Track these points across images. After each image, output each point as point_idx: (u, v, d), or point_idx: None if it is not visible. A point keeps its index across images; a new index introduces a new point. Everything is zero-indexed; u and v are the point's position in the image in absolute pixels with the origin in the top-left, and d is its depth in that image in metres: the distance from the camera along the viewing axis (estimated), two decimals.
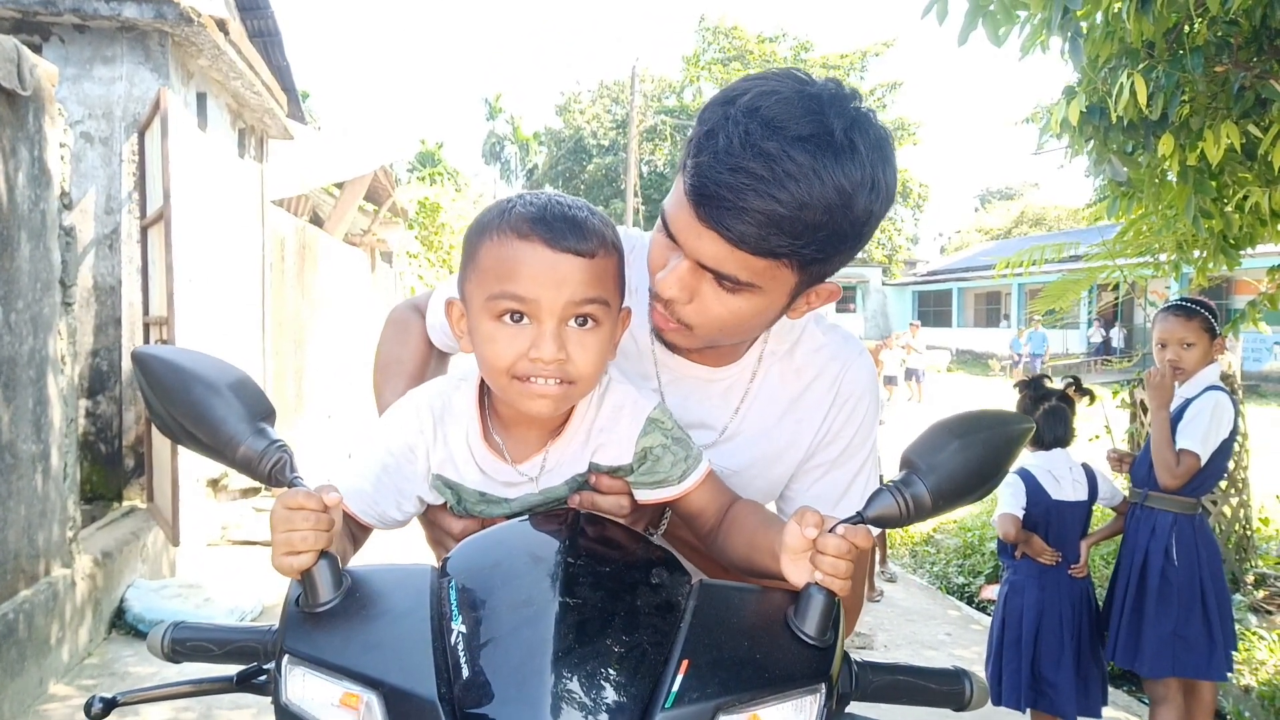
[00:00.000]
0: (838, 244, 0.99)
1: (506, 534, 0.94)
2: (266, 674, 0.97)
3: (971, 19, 3.10)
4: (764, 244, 0.95)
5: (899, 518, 0.87)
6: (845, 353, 1.24)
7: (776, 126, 0.93)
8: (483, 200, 34.53)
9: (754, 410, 1.22)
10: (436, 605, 0.84)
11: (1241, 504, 5.13)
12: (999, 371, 23.27)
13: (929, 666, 0.95)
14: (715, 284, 1.01)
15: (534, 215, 0.97)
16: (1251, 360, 19.38)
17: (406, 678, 0.78)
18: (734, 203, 0.93)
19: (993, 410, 0.95)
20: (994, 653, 3.24)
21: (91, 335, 5.44)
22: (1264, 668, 4.07)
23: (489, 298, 0.97)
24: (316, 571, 0.85)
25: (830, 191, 0.94)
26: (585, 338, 0.98)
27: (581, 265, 0.96)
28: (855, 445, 1.24)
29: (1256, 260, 5.39)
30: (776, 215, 0.93)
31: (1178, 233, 4.21)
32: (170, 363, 0.93)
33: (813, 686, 0.81)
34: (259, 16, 8.99)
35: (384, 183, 11.89)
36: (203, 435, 0.91)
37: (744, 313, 1.03)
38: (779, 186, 0.92)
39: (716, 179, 0.94)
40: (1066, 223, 38.93)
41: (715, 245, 0.97)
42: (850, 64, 37.54)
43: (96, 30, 5.36)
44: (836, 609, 0.86)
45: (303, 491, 0.86)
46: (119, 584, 4.50)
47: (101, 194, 5.43)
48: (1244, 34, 3.02)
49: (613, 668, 0.76)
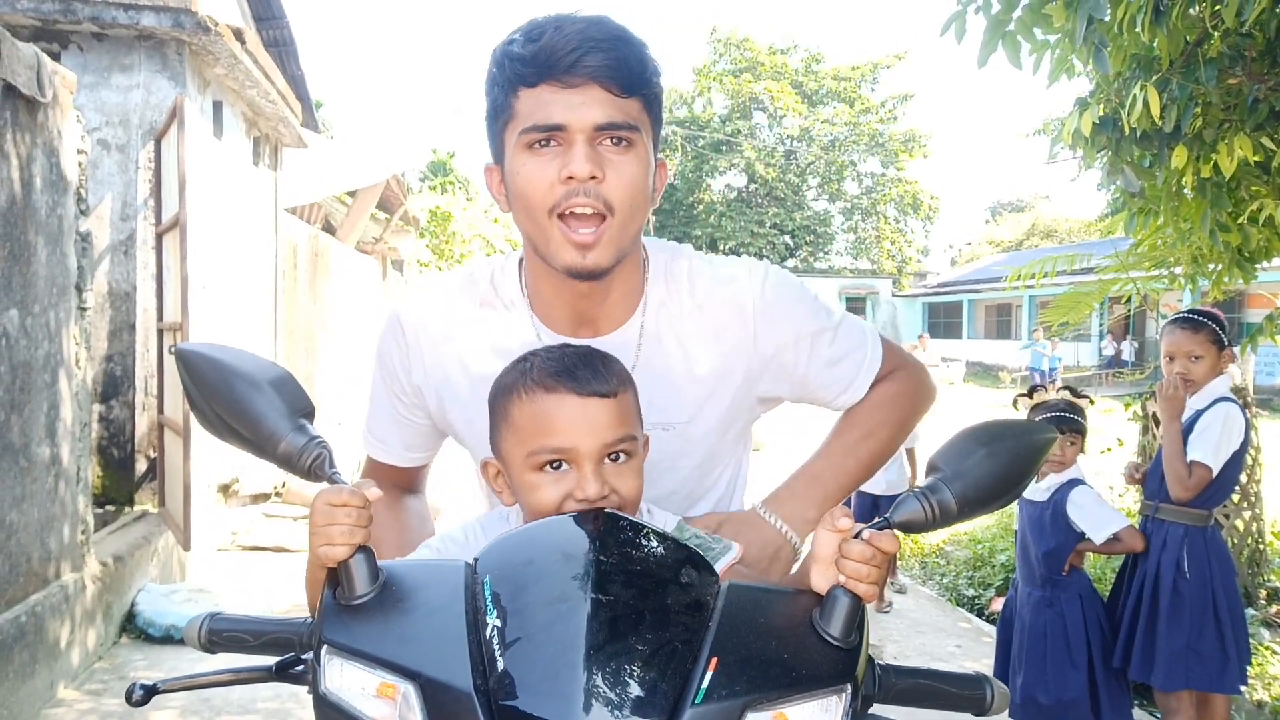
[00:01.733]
0: (659, 85, 1.13)
1: (539, 532, 0.95)
2: (304, 664, 0.99)
3: (991, 39, 3.10)
4: (629, 73, 1.07)
5: (925, 523, 0.88)
6: (731, 270, 1.26)
7: (564, 14, 1.09)
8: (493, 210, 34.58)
9: (652, 362, 1.23)
10: (471, 600, 0.85)
11: (1255, 518, 5.10)
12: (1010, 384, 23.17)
13: (951, 671, 0.96)
14: (610, 150, 1.08)
15: (556, 369, 1.03)
16: (1265, 374, 19.25)
17: (442, 669, 0.80)
18: (591, 43, 1.05)
19: (1018, 420, 0.97)
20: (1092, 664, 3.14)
21: (106, 340, 5.47)
22: (1277, 683, 4.04)
23: (529, 454, 1.03)
24: (354, 565, 0.88)
25: (633, 31, 1.10)
26: (623, 470, 1.04)
27: (608, 406, 1.02)
28: (824, 333, 1.28)
29: (1271, 273, 5.36)
30: (622, 37, 1.08)
31: (1193, 246, 4.20)
32: (213, 359, 0.96)
33: (839, 687, 0.82)
34: (274, 26, 9.07)
35: (396, 191, 11.95)
36: (244, 430, 0.94)
37: (639, 175, 1.10)
38: (608, 24, 1.08)
39: (565, 37, 1.05)
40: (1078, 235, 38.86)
41: (598, 98, 1.06)
42: (862, 75, 37.56)
43: (114, 39, 5.41)
44: (861, 612, 0.87)
45: (345, 488, 0.90)
46: (129, 588, 4.51)
47: (118, 200, 5.47)
48: (1258, 46, 3.02)
49: (643, 664, 0.78)
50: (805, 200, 38.69)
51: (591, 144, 1.07)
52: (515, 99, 1.08)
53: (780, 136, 38.46)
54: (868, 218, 39.05)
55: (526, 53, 1.06)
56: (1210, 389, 3.10)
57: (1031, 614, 3.19)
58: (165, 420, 5.12)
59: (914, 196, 37.95)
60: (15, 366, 3.49)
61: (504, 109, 1.10)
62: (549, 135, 1.07)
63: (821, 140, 37.75)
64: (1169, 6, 2.75)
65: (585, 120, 1.05)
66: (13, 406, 3.47)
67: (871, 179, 38.73)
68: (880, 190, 38.31)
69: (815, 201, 39.30)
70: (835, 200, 39.35)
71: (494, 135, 1.15)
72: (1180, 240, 4.32)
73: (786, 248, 37.84)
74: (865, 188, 38.88)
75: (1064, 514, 3.14)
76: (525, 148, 1.08)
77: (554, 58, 1.05)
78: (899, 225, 39.14)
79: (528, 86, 1.07)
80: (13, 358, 3.47)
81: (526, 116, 1.07)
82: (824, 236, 39.15)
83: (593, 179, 1.06)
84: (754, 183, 37.55)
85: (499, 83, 1.10)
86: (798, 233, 37.84)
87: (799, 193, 38.13)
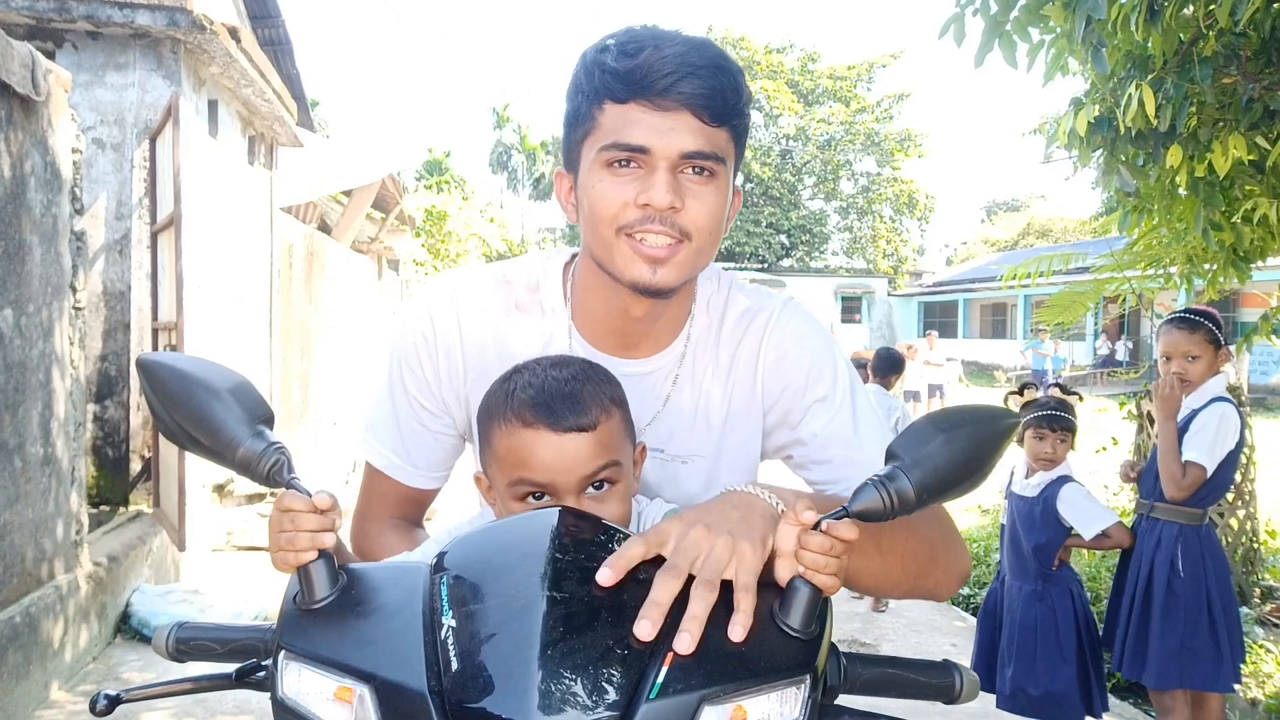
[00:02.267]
0: (748, 115, 1.10)
1: (498, 532, 0.95)
2: (265, 670, 0.99)
3: (988, 39, 3.11)
4: (723, 103, 1.04)
5: (884, 511, 0.86)
6: (768, 304, 1.25)
7: (662, 30, 1.06)
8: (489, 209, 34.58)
9: (685, 391, 1.22)
10: (428, 601, 0.85)
11: (1249, 516, 5.11)
12: (1005, 383, 23.22)
13: (919, 659, 0.94)
14: (692, 179, 1.06)
15: (534, 401, 1.02)
16: (1259, 373, 19.31)
17: (398, 671, 0.80)
18: (688, 68, 1.02)
19: (979, 405, 0.95)
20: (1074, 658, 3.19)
21: (100, 340, 5.46)
22: (1271, 681, 4.05)
23: (509, 484, 1.04)
24: (313, 569, 0.89)
25: (731, 58, 1.07)
26: (606, 498, 1.04)
27: (586, 440, 1.01)
28: (837, 392, 1.20)
29: (1265, 273, 5.37)
30: (719, 65, 1.04)
31: (1188, 246, 4.21)
32: (173, 369, 0.96)
33: (797, 678, 0.81)
34: (270, 25, 9.04)
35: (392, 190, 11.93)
36: (204, 438, 0.94)
37: (718, 206, 1.09)
38: (707, 47, 1.04)
39: (663, 58, 1.02)
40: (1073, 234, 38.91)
41: (688, 125, 1.03)
42: (858, 75, 37.60)
43: (110, 37, 5.40)
44: (823, 603, 0.86)
45: (296, 494, 0.90)
46: (124, 588, 4.51)
47: (112, 199, 5.46)
48: (1253, 46, 3.03)
49: (598, 660, 0.78)
50: (801, 199, 38.73)
51: (673, 172, 1.04)
52: (600, 111, 1.05)
53: (776, 135, 38.48)
54: (863, 217, 39.10)
55: (620, 67, 1.03)
56: (1206, 388, 3.10)
57: (1022, 608, 3.22)
58: None
59: (910, 196, 37.98)
60: (9, 366, 3.48)
61: (586, 119, 1.07)
62: (631, 156, 1.04)
63: (817, 139, 37.78)
64: (1164, 6, 2.76)
65: (672, 147, 1.03)
66: (7, 406, 3.46)
67: (867, 178, 38.78)
68: (876, 189, 38.35)
69: (811, 201, 39.34)
70: (831, 199, 39.39)
71: (571, 143, 1.12)
72: (1175, 240, 4.33)
73: (782, 247, 37.89)
74: (861, 187, 38.92)
75: (1054, 510, 3.17)
76: (605, 164, 1.06)
77: (649, 78, 1.02)
78: (895, 225, 39.18)
79: (616, 102, 1.04)
80: (7, 357, 3.46)
81: (610, 132, 1.04)
82: (820, 236, 39.19)
83: (671, 209, 1.04)
84: (750, 182, 37.56)
85: (585, 91, 1.07)
86: (794, 232, 37.87)
87: (795, 192, 38.17)
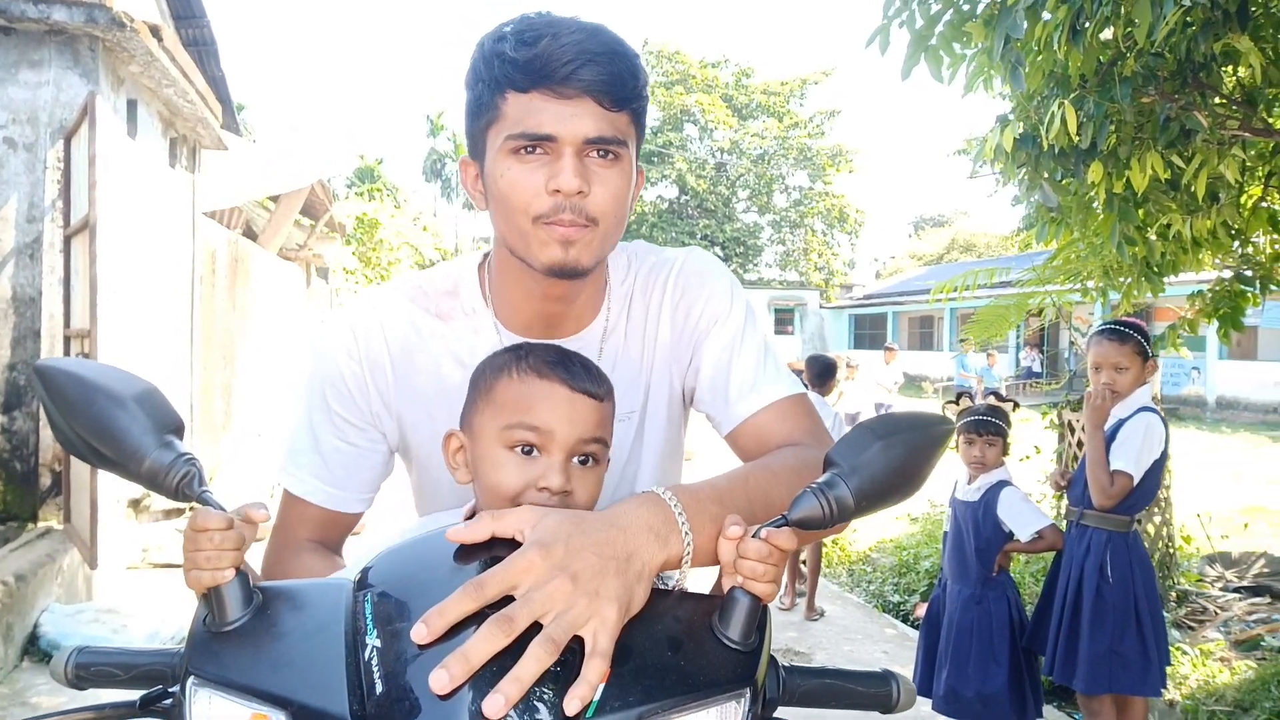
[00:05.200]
0: (646, 97, 1.12)
1: (426, 546, 0.90)
2: (173, 697, 0.92)
3: (914, 53, 3.18)
4: (622, 88, 1.05)
5: (823, 519, 0.85)
6: (674, 255, 1.30)
7: (558, 18, 1.06)
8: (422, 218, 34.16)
9: (613, 356, 1.25)
10: (351, 620, 0.81)
11: (1165, 522, 5.29)
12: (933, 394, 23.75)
13: (856, 669, 0.94)
14: (597, 162, 1.07)
15: (554, 359, 1.04)
16: (1170, 384, 20.10)
17: (317, 695, 0.75)
18: (587, 54, 1.03)
19: (915, 412, 0.96)
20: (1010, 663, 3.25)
21: (9, 348, 5.21)
22: (1187, 682, 4.18)
23: (505, 427, 1.01)
24: (225, 588, 0.83)
25: (627, 43, 1.08)
26: (587, 475, 1.03)
27: (593, 406, 1.02)
28: (731, 320, 1.25)
29: (1178, 287, 5.58)
30: (617, 51, 1.05)
31: (1104, 259, 4.35)
32: (73, 375, 0.89)
33: (737, 691, 0.80)
34: (194, 25, 8.80)
35: (321, 197, 11.70)
36: (106, 450, 0.87)
37: (623, 188, 1.10)
38: (603, 34, 1.06)
39: (561, 46, 1.03)
40: (995, 249, 40.09)
41: (590, 111, 1.04)
42: (790, 90, 38.23)
43: (23, 33, 5.18)
44: (762, 613, 0.84)
45: (209, 512, 0.84)
46: (32, 608, 4.29)
47: (24, 201, 5.22)
48: (1169, 67, 3.14)
49: (534, 679, 0.74)
50: (735, 212, 39.18)
51: (579, 156, 1.05)
52: (503, 100, 1.06)
53: (711, 149, 38.88)
54: (796, 230, 39.71)
55: (520, 57, 1.03)
56: (1132, 399, 3.18)
57: (960, 611, 3.30)
58: None
59: (840, 210, 38.73)
60: None
61: (489, 108, 1.08)
62: (537, 144, 1.05)
63: (751, 153, 38.29)
64: (1085, 26, 2.84)
65: (576, 133, 1.04)
66: None
67: (800, 192, 39.43)
68: (808, 204, 39.01)
69: (745, 214, 39.81)
70: (764, 213, 39.93)
71: (474, 131, 1.12)
72: (1092, 253, 4.47)
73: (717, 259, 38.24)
74: (793, 201, 39.54)
75: (994, 513, 3.25)
76: (510, 153, 1.06)
77: (549, 67, 1.02)
78: (826, 238, 39.89)
79: (517, 91, 1.05)
80: None
81: (515, 122, 1.05)
82: (753, 248, 39.67)
83: (579, 194, 1.05)
84: (685, 194, 37.87)
85: (485, 80, 1.07)
86: (728, 244, 38.25)
87: (729, 205, 38.59)
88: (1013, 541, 3.31)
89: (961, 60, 3.27)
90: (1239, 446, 13.93)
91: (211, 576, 0.83)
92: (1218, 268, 4.60)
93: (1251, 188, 4.18)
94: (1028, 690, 3.25)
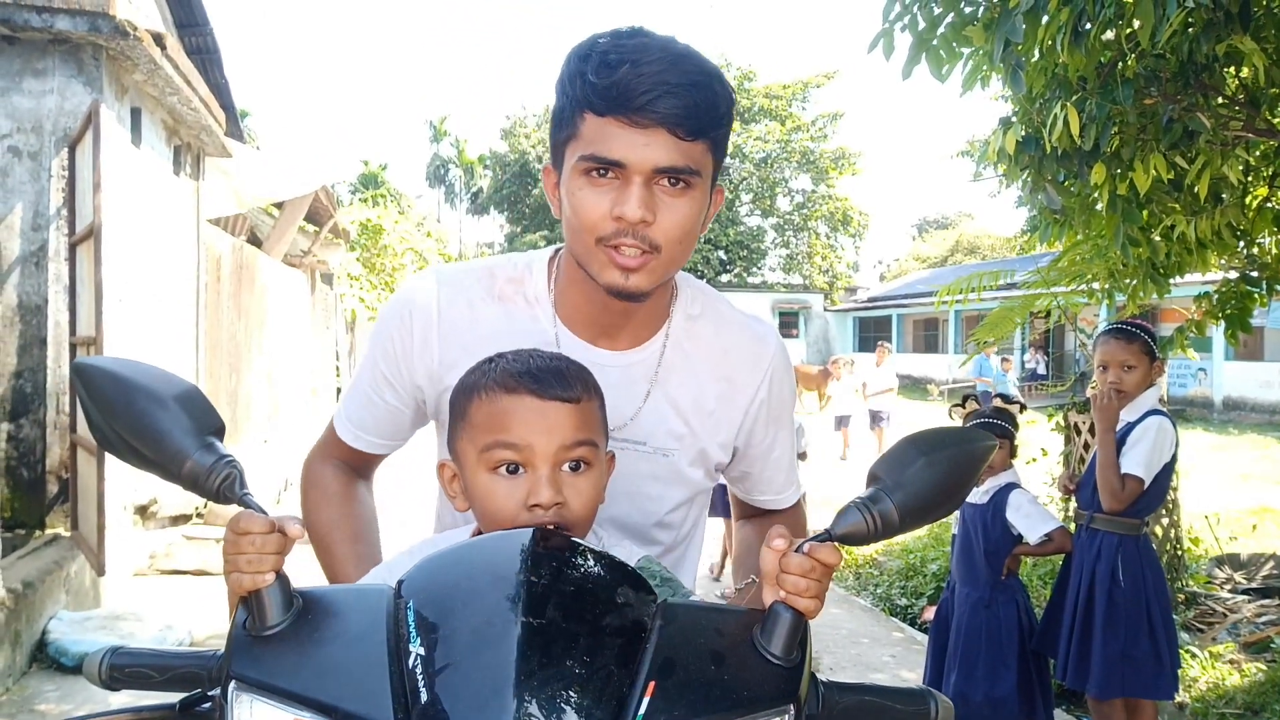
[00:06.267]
0: (730, 118, 1.12)
1: (467, 553, 0.90)
2: (212, 701, 0.92)
3: (915, 54, 3.18)
4: (698, 120, 1.06)
5: (867, 535, 0.86)
6: (768, 335, 1.34)
7: (646, 41, 1.06)
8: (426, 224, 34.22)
9: (669, 385, 1.27)
10: (393, 627, 0.80)
11: (1173, 524, 5.27)
12: (938, 396, 23.70)
13: (896, 686, 0.94)
14: (667, 190, 1.08)
15: (519, 370, 1.02)
16: (1176, 385, 20.04)
17: (361, 703, 0.75)
18: (665, 87, 1.03)
19: (957, 427, 0.96)
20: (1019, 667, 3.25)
21: (15, 356, 5.23)
22: (1196, 685, 4.16)
23: (483, 449, 1.00)
24: (265, 593, 0.82)
25: (712, 65, 1.08)
26: (578, 482, 1.01)
27: (569, 411, 1.00)
28: (786, 422, 1.37)
29: (1184, 289, 5.56)
30: (698, 83, 1.05)
31: (1109, 261, 4.34)
32: (112, 374, 0.89)
33: (781, 708, 0.80)
34: (197, 33, 8.83)
35: (325, 203, 11.72)
36: (147, 450, 0.87)
37: (690, 217, 1.11)
38: (687, 62, 1.05)
39: (639, 75, 1.03)
40: (999, 251, 40.02)
41: (663, 142, 1.05)
42: (793, 94, 38.21)
43: (27, 42, 5.20)
44: (804, 629, 0.84)
45: (250, 516, 0.84)
46: (40, 615, 4.30)
47: (29, 210, 5.24)
48: (1172, 68, 3.13)
49: (577, 690, 0.74)
50: (739, 215, 39.13)
51: (648, 185, 1.07)
52: (581, 119, 1.08)
53: None
54: (799, 233, 39.66)
55: (599, 81, 1.04)
56: (1141, 401, 3.16)
57: (969, 615, 3.28)
58: (78, 439, 4.90)
59: (844, 213, 38.66)
60: None
61: (568, 124, 1.10)
62: (608, 167, 1.07)
63: (754, 157, 38.25)
64: (1087, 28, 2.84)
65: (646, 162, 1.06)
66: None
67: (803, 195, 39.37)
68: (811, 207, 38.95)
69: (749, 217, 39.78)
70: (768, 216, 39.88)
71: (556, 142, 1.14)
72: (1097, 255, 4.46)
73: (720, 263, 38.20)
74: (797, 204, 39.49)
75: (1003, 516, 3.24)
76: (583, 172, 1.09)
77: (625, 95, 1.03)
78: (830, 241, 39.82)
79: (595, 114, 1.06)
80: None
81: (589, 143, 1.07)
82: (757, 252, 39.63)
83: (642, 223, 1.07)
84: None
85: (568, 95, 1.09)
86: (731, 248, 38.24)
87: (732, 208, 38.55)
88: (1021, 544, 3.29)
89: (959, 58, 3.27)
90: (1246, 447, 13.88)
91: (253, 580, 0.82)
92: (1224, 269, 4.59)
93: (1257, 188, 4.18)
94: (1037, 694, 3.24)
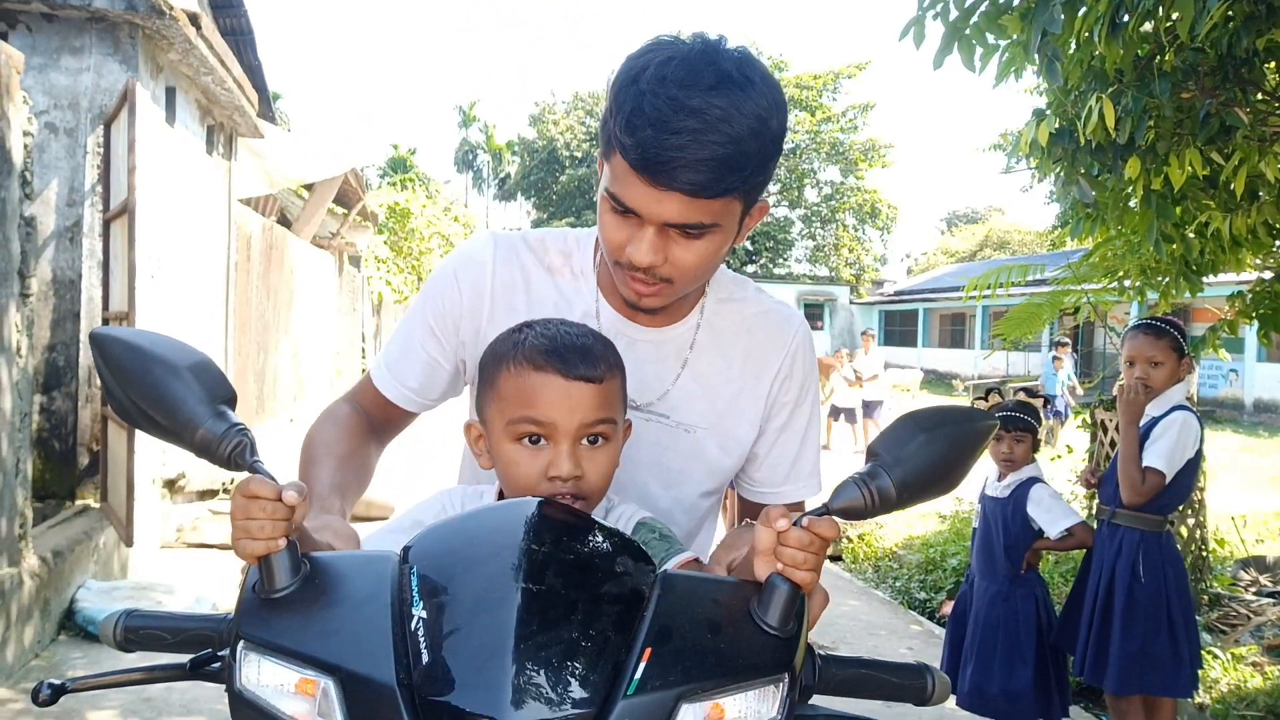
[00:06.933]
0: (767, 164, 1.11)
1: (470, 522, 0.92)
2: (221, 661, 0.95)
3: (947, 43, 3.14)
4: (718, 186, 1.05)
5: (864, 509, 0.86)
6: (793, 316, 1.38)
7: (688, 85, 1.03)
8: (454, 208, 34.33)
9: (699, 365, 1.31)
10: (397, 592, 0.83)
11: (1198, 525, 5.21)
12: (963, 392, 23.53)
13: (892, 661, 0.95)
14: (681, 236, 1.10)
15: (547, 347, 1.06)
16: (1207, 386, 19.76)
17: (364, 663, 0.77)
18: (685, 160, 1.03)
19: (959, 406, 0.96)
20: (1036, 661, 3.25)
21: (49, 329, 5.32)
22: (1217, 686, 4.13)
23: (509, 422, 1.06)
24: (274, 557, 0.85)
25: (752, 121, 1.05)
26: (597, 455, 1.06)
27: (592, 390, 1.05)
28: (806, 405, 1.37)
29: (1217, 288, 5.48)
30: (721, 156, 1.03)
31: (1142, 257, 4.29)
32: (128, 343, 0.91)
33: (776, 677, 0.81)
34: (232, 14, 8.88)
35: (354, 186, 11.79)
36: (160, 417, 0.89)
37: (710, 252, 1.14)
38: (715, 132, 1.03)
39: (662, 146, 1.02)
40: (1029, 246, 39.57)
41: (677, 203, 1.06)
42: (823, 84, 37.91)
43: (65, 20, 5.26)
44: (800, 601, 0.85)
45: (260, 481, 0.85)
46: (69, 584, 4.39)
47: (64, 185, 5.32)
48: (1210, 62, 3.08)
49: (575, 655, 0.76)
50: None
51: (662, 232, 1.10)
52: (611, 152, 1.10)
53: None
54: (827, 225, 39.43)
55: (624, 138, 1.05)
56: (1167, 396, 3.14)
57: (986, 608, 3.28)
58: (109, 413, 4.98)
59: (873, 205, 38.37)
60: None
61: (604, 144, 1.12)
62: (626, 209, 1.10)
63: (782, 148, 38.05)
64: (1125, 21, 2.80)
65: (658, 216, 1.08)
66: None
67: (831, 187, 39.12)
68: (840, 198, 38.70)
69: (776, 208, 39.59)
70: (795, 207, 39.68)
71: (601, 147, 1.16)
72: (1129, 252, 4.41)
73: (746, 253, 38.07)
74: (825, 195, 39.25)
75: (1024, 510, 3.23)
76: (608, 198, 1.12)
77: (644, 158, 1.03)
78: (857, 233, 39.56)
79: (622, 155, 1.07)
80: None
81: (612, 179, 1.10)
82: (783, 243, 39.45)
83: (651, 267, 1.11)
84: None
85: (607, 118, 1.10)
86: (757, 238, 38.09)
87: None
88: (1042, 539, 3.28)
89: (995, 51, 3.23)
90: (1276, 450, 13.66)
91: (265, 546, 0.84)
92: (1258, 268, 4.52)
93: None
94: (1053, 689, 3.23)
